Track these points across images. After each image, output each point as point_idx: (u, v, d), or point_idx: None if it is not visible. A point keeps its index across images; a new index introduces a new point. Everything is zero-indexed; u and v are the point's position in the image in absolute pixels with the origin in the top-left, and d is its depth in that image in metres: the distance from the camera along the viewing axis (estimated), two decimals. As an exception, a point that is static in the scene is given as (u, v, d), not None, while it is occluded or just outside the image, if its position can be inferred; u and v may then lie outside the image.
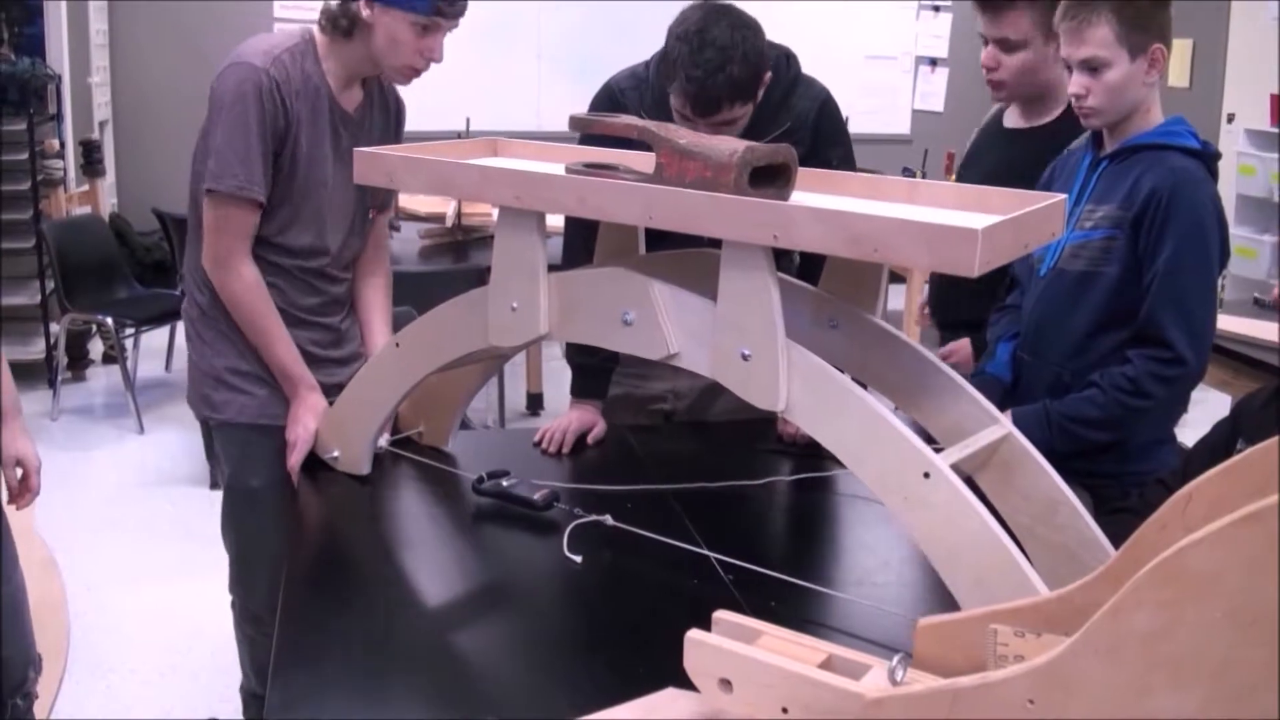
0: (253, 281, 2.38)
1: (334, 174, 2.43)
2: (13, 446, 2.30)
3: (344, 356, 2.60)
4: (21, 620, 2.33)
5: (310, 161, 2.39)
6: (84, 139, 6.63)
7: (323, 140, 2.39)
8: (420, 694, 1.53)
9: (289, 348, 2.42)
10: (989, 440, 1.64)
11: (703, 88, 2.16)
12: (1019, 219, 1.47)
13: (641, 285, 1.70)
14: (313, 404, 2.41)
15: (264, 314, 2.40)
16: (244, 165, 2.30)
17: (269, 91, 2.28)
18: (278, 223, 2.41)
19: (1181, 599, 0.97)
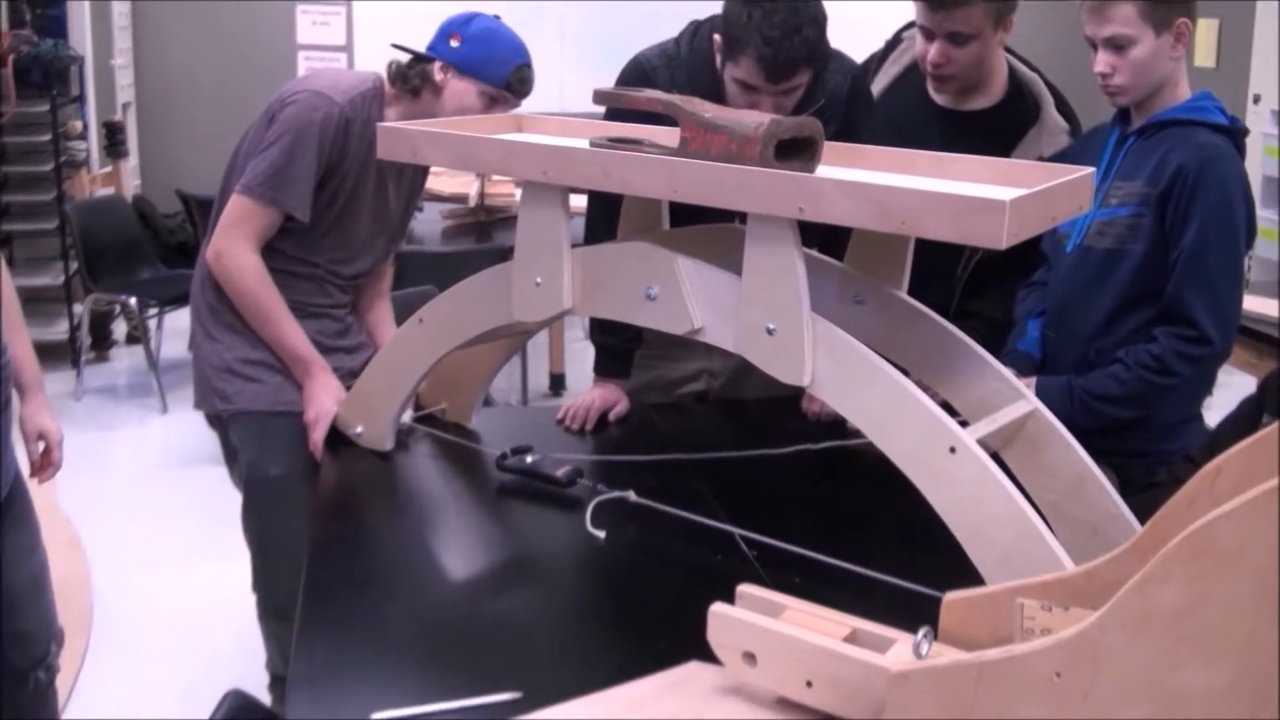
0: (257, 269, 2.41)
1: (369, 214, 2.50)
2: (35, 421, 2.31)
3: (351, 345, 2.62)
4: (43, 595, 2.35)
5: (351, 198, 2.45)
6: (107, 120, 6.65)
7: (366, 182, 2.45)
8: (444, 668, 1.54)
9: (298, 332, 2.44)
10: (1015, 415, 1.63)
11: (780, 50, 2.11)
12: (1047, 192, 1.46)
13: (666, 260, 1.69)
14: (327, 383, 2.42)
15: (271, 300, 2.42)
16: (288, 183, 2.35)
17: (338, 126, 2.35)
18: (303, 241, 2.46)
19: (1210, 573, 0.96)
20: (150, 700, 3.23)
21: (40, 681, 2.37)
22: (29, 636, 2.32)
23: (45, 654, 2.36)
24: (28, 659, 2.33)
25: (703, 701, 1.38)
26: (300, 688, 1.48)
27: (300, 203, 2.36)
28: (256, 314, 2.43)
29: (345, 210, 2.46)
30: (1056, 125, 2.57)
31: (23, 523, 2.26)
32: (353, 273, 2.59)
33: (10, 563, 2.22)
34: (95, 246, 5.66)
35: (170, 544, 4.18)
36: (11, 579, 2.23)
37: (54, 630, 2.40)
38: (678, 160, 1.61)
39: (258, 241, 2.40)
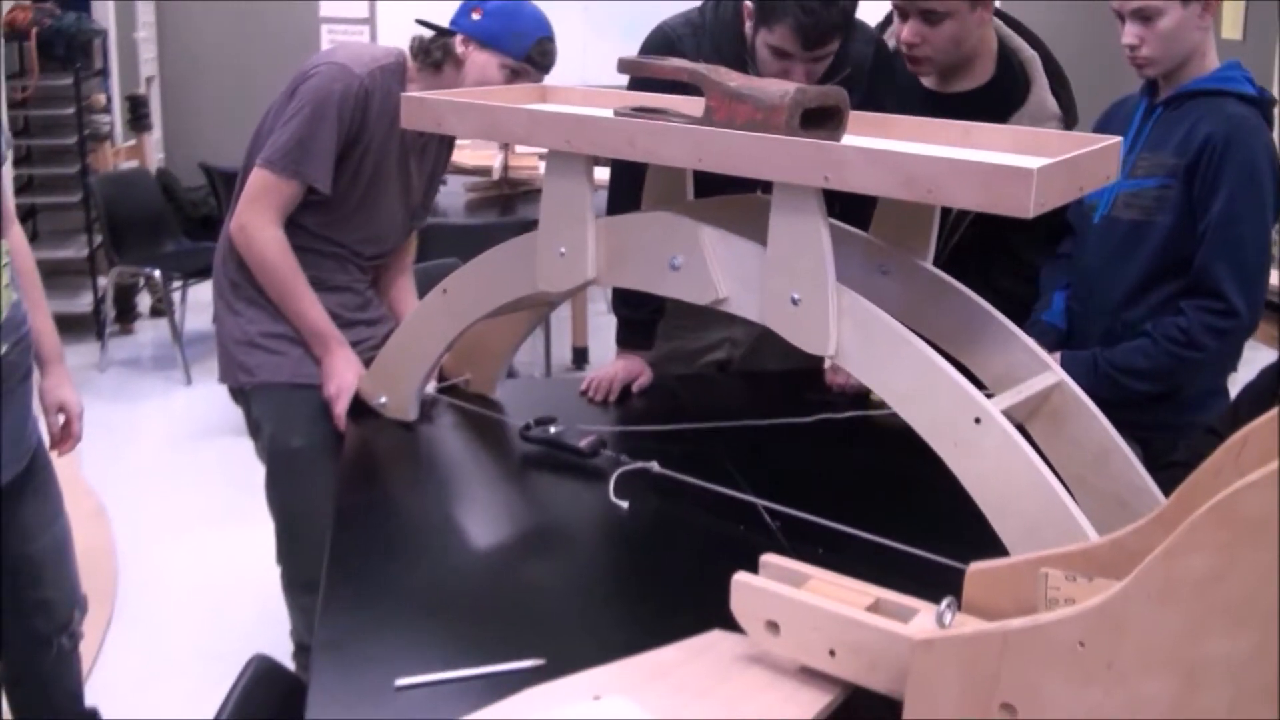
0: (279, 242, 2.41)
1: (393, 190, 2.50)
2: (55, 393, 2.33)
3: (372, 318, 2.63)
4: (66, 563, 2.37)
5: (375, 174, 2.44)
6: (130, 94, 6.66)
7: (388, 157, 2.45)
8: (467, 636, 1.54)
9: (317, 307, 2.45)
10: (1040, 387, 1.63)
11: (819, 18, 2.10)
12: (1074, 160, 1.45)
13: (690, 230, 1.69)
14: (347, 357, 2.43)
15: (291, 274, 2.43)
16: (308, 154, 2.35)
17: (358, 98, 2.35)
18: (327, 219, 2.46)
19: (1236, 542, 0.95)
20: (174, 667, 3.26)
21: (63, 648, 2.39)
22: (52, 603, 2.34)
23: (68, 621, 2.39)
24: (51, 625, 2.35)
25: (725, 669, 1.38)
26: (325, 654, 1.48)
27: (321, 175, 2.37)
28: (277, 288, 2.44)
29: (368, 187, 2.46)
30: (1044, 110, 2.48)
31: (44, 492, 2.28)
32: (375, 252, 2.60)
33: (32, 531, 2.24)
34: (119, 219, 5.68)
35: (194, 513, 4.21)
36: (33, 547, 2.25)
37: (77, 597, 2.42)
38: (703, 129, 1.61)
39: (280, 215, 2.40)
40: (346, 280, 2.57)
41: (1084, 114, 2.61)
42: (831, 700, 1.32)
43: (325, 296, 2.50)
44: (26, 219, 6.12)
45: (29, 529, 2.23)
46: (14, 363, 2.03)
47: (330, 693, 1.40)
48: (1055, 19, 8.62)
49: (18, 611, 2.29)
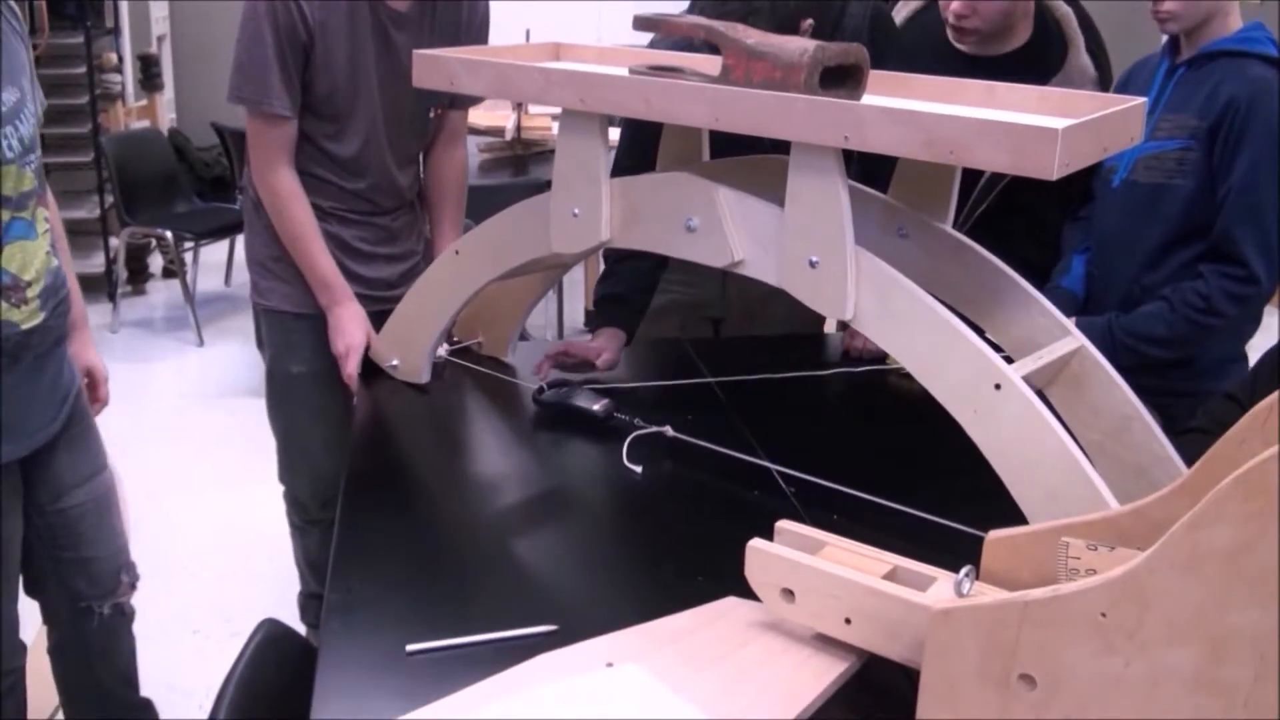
0: (289, 194, 2.38)
1: (384, 76, 2.38)
2: (81, 358, 2.29)
3: (394, 254, 2.58)
4: (107, 522, 2.31)
5: (353, 68, 2.35)
6: (142, 53, 6.63)
7: (365, 44, 2.34)
8: (480, 600, 1.53)
9: (327, 259, 2.42)
10: (1061, 353, 1.60)
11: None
12: (1098, 121, 1.42)
13: (706, 190, 1.66)
14: (356, 313, 2.41)
15: (301, 224, 2.40)
16: (260, 80, 2.29)
17: (283, 3, 2.25)
18: (327, 129, 2.40)
19: (1264, 512, 0.93)
20: (188, 626, 3.27)
21: (107, 618, 2.34)
22: (93, 564, 2.28)
23: (114, 586, 2.33)
24: (94, 589, 2.30)
25: (739, 636, 1.37)
26: (335, 619, 1.47)
27: (274, 96, 2.29)
28: (287, 236, 2.42)
29: (355, 84, 2.36)
30: (1083, 72, 2.45)
31: (83, 445, 2.23)
32: (392, 152, 2.49)
33: (65, 488, 2.19)
34: (131, 180, 5.66)
35: (206, 474, 4.22)
36: (67, 504, 2.20)
37: (123, 561, 2.36)
38: (720, 88, 1.57)
39: (276, 153, 2.36)
40: (368, 210, 2.52)
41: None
42: (847, 668, 1.31)
43: (345, 230, 2.49)
44: (38, 179, 6.10)
45: (63, 486, 2.19)
46: (50, 327, 2.01)
47: (341, 657, 1.39)
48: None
49: (59, 574, 2.25)
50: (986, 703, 1.13)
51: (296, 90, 2.32)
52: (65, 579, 2.26)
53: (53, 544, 2.22)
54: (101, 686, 2.41)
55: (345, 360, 2.35)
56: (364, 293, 2.52)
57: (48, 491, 2.17)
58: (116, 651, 2.42)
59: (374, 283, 2.53)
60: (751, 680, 1.29)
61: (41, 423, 2.07)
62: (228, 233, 5.88)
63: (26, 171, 1.92)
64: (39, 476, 2.14)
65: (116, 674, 2.43)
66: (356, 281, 2.51)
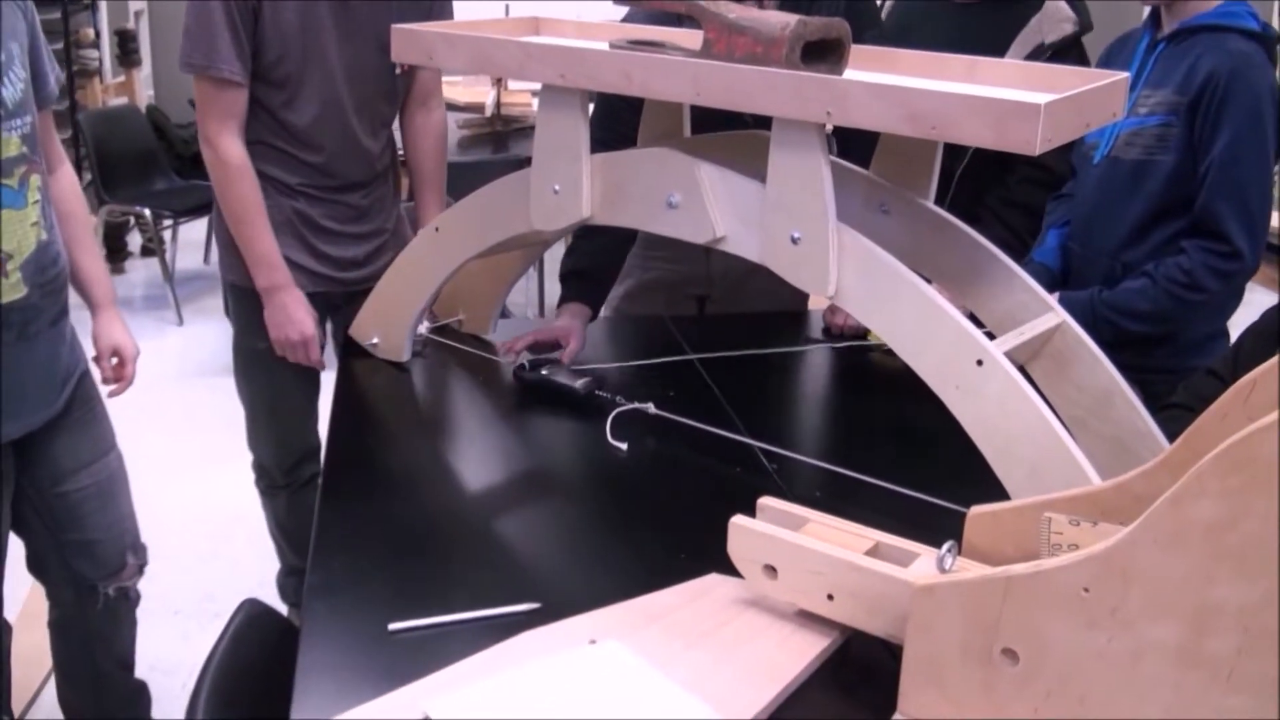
0: (238, 165, 2.34)
1: (340, 32, 2.34)
2: (108, 337, 2.26)
3: (364, 232, 2.55)
4: (112, 505, 2.29)
5: (305, 28, 2.31)
6: (119, 28, 6.57)
7: (318, 7, 2.30)
8: (462, 579, 1.53)
9: (270, 238, 2.38)
10: (1043, 329, 1.60)
11: None
12: (1081, 96, 1.42)
13: (687, 166, 1.65)
14: (299, 298, 2.41)
15: (245, 198, 2.36)
16: (208, 43, 2.26)
17: None
18: (283, 96, 2.36)
19: (1247, 487, 0.93)
20: (169, 605, 3.26)
21: (111, 599, 2.32)
22: (97, 546, 2.27)
23: (119, 567, 2.31)
24: (98, 571, 2.29)
25: (722, 613, 1.37)
26: (317, 598, 1.47)
27: (222, 59, 2.26)
28: (228, 208, 2.38)
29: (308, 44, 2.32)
30: (1060, 12, 2.44)
31: (85, 429, 2.21)
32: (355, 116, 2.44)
33: (67, 471, 2.17)
34: (109, 157, 5.61)
35: (187, 453, 4.20)
36: (68, 487, 2.19)
37: (130, 542, 2.34)
38: (701, 63, 1.57)
39: (234, 122, 2.33)
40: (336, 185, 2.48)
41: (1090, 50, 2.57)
42: (830, 644, 1.31)
43: (313, 209, 2.46)
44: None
45: (64, 470, 2.17)
46: (38, 306, 1.97)
47: (323, 636, 1.39)
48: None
49: (61, 555, 2.24)
50: (969, 677, 1.13)
51: (246, 54, 2.29)
52: (68, 560, 2.25)
53: (55, 526, 2.20)
54: (99, 668, 2.40)
55: (302, 349, 2.36)
56: (331, 273, 2.51)
57: (47, 474, 2.15)
58: (117, 635, 2.41)
59: (341, 262, 2.52)
60: (734, 657, 1.29)
61: (36, 405, 2.04)
62: (207, 210, 5.82)
63: (12, 137, 1.88)
64: (38, 459, 2.13)
65: (115, 657, 2.43)
66: (324, 261, 2.50)
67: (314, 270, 2.50)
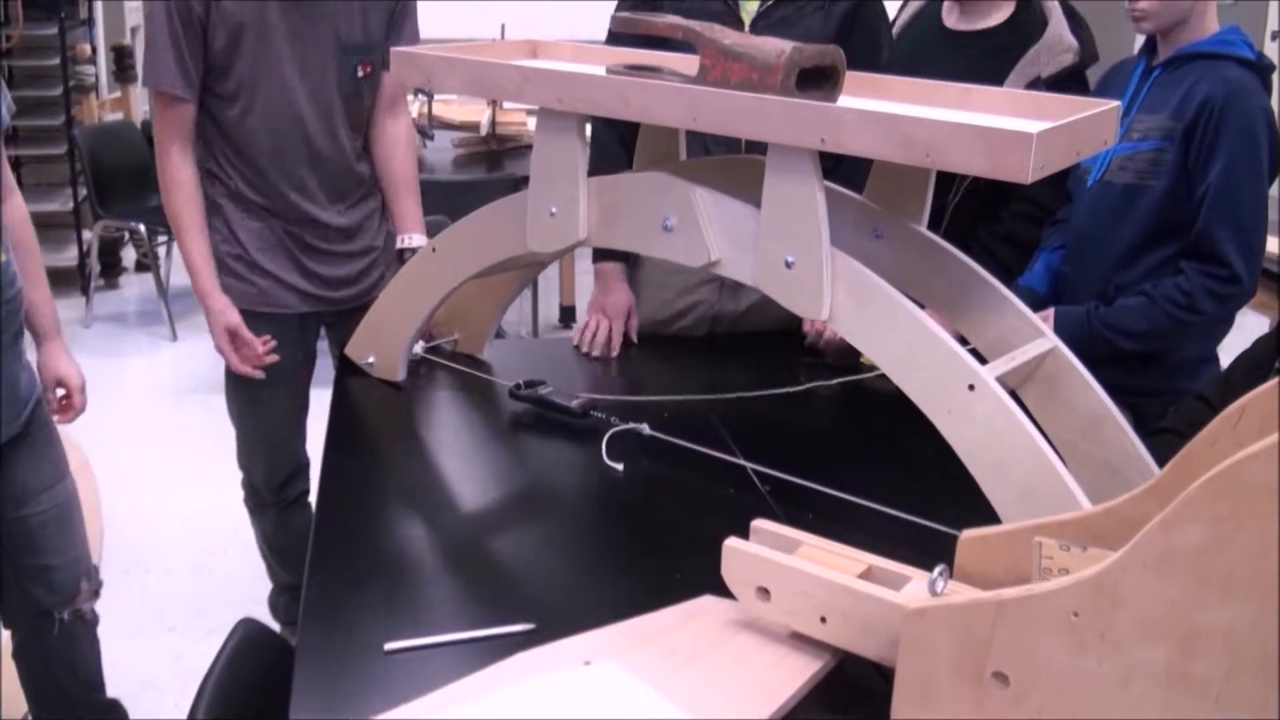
0: (177, 178, 2.38)
1: (293, 41, 2.35)
2: (53, 367, 2.28)
3: (354, 250, 2.58)
4: (69, 530, 2.29)
5: (260, 36, 2.32)
6: (116, 44, 6.58)
7: (267, 8, 2.31)
8: (457, 599, 1.54)
9: (202, 245, 2.43)
10: (1034, 353, 1.61)
11: None
12: (1073, 125, 1.43)
13: (683, 190, 1.67)
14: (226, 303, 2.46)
15: (179, 213, 2.40)
16: (159, 59, 2.30)
17: None
18: (241, 105, 2.37)
19: (1236, 513, 0.95)
20: (163, 622, 3.26)
21: (68, 624, 2.32)
22: (53, 571, 2.27)
23: (74, 593, 2.31)
24: (53, 596, 2.28)
25: (716, 635, 1.38)
26: (313, 618, 1.47)
27: (169, 75, 2.30)
28: (170, 220, 2.43)
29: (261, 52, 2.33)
30: (1061, 43, 2.45)
31: (42, 454, 2.22)
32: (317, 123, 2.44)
33: (29, 495, 2.18)
34: (104, 172, 5.62)
35: (181, 469, 4.20)
36: (30, 511, 2.19)
37: (84, 568, 2.34)
38: (697, 89, 1.58)
39: (175, 136, 2.37)
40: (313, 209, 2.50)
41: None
42: (822, 666, 1.32)
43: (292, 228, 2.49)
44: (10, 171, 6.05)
45: (25, 492, 2.17)
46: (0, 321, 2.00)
47: (318, 656, 1.39)
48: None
49: (18, 580, 2.24)
50: (960, 700, 1.14)
51: (190, 69, 2.31)
52: (24, 585, 2.24)
53: (13, 550, 2.20)
54: (65, 690, 2.39)
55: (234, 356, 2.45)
56: (322, 293, 2.53)
57: (10, 497, 2.15)
58: (78, 657, 2.40)
59: (332, 281, 2.54)
60: (728, 678, 1.30)
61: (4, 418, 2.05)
62: (201, 227, 5.85)
63: None
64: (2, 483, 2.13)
65: (79, 679, 2.42)
66: (314, 280, 2.52)
67: (305, 290, 2.52)
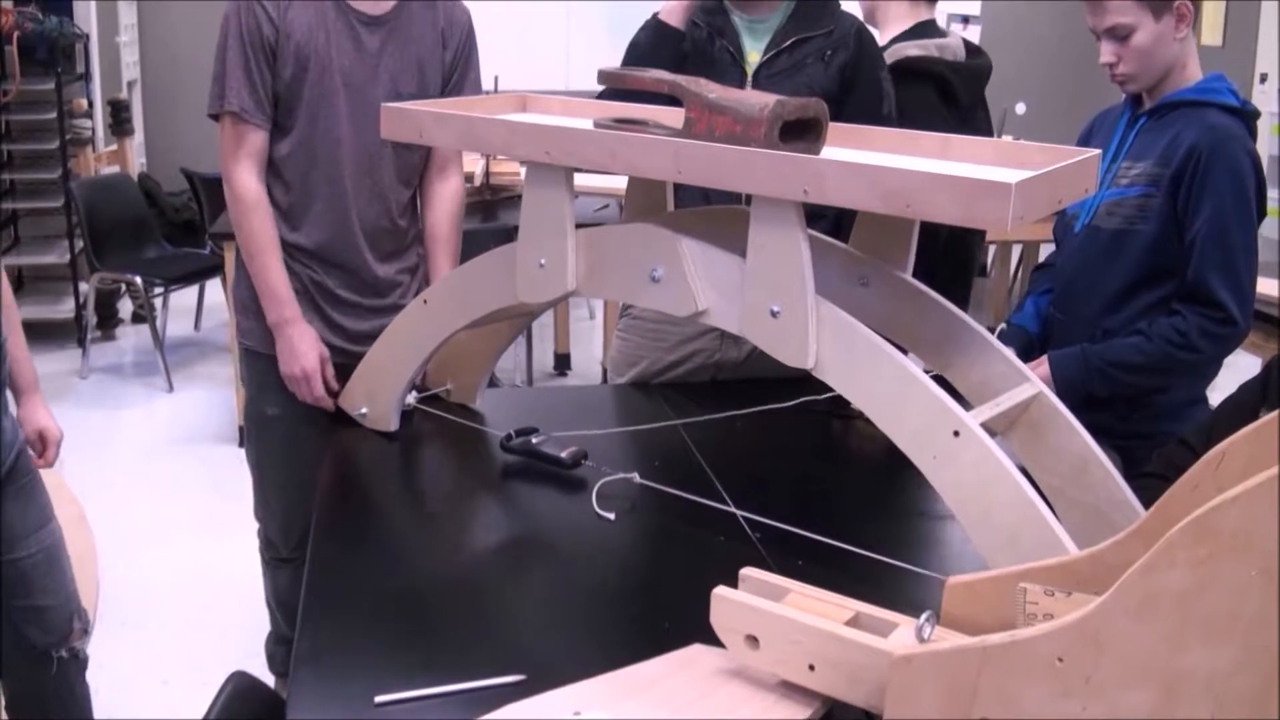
0: (248, 199, 2.40)
1: (355, 77, 2.41)
2: (32, 421, 2.34)
3: (381, 306, 2.57)
4: (57, 570, 2.33)
5: (322, 69, 2.37)
6: (112, 98, 6.63)
7: (331, 45, 2.37)
8: (449, 650, 1.54)
9: (280, 272, 2.43)
10: (1020, 399, 1.63)
11: None
12: (1052, 174, 1.45)
13: (670, 241, 1.69)
14: (305, 332, 2.44)
15: (256, 233, 2.41)
16: (230, 82, 2.34)
17: (248, 6, 2.32)
18: (291, 140, 2.42)
19: (1215, 556, 0.96)
20: (158, 675, 3.25)
21: (64, 663, 2.34)
22: (46, 612, 2.31)
23: (67, 632, 2.34)
24: (48, 636, 2.32)
25: (706, 684, 1.38)
26: (304, 668, 1.48)
27: (237, 96, 2.34)
28: (242, 242, 2.44)
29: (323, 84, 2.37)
30: None
31: (29, 497, 2.25)
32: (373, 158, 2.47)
33: (17, 539, 2.21)
34: (101, 225, 5.66)
35: (177, 521, 4.20)
36: (19, 554, 2.22)
37: (75, 606, 2.37)
38: (683, 141, 1.60)
39: (245, 158, 2.39)
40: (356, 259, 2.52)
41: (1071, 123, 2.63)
42: (811, 715, 1.32)
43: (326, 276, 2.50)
44: (7, 224, 6.09)
45: (14, 536, 2.21)
46: None
47: (309, 708, 1.40)
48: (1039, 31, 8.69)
49: (10, 623, 2.26)
50: (947, 747, 1.14)
51: (263, 96, 2.36)
52: (19, 627, 2.28)
53: (7, 593, 2.23)
54: None
55: (303, 384, 2.38)
56: (343, 344, 2.53)
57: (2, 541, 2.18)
58: (73, 698, 2.43)
59: (354, 335, 2.54)
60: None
61: None
62: (197, 278, 5.89)
63: None
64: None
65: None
66: (336, 331, 2.53)
67: (328, 341, 2.53)
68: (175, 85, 7.59)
